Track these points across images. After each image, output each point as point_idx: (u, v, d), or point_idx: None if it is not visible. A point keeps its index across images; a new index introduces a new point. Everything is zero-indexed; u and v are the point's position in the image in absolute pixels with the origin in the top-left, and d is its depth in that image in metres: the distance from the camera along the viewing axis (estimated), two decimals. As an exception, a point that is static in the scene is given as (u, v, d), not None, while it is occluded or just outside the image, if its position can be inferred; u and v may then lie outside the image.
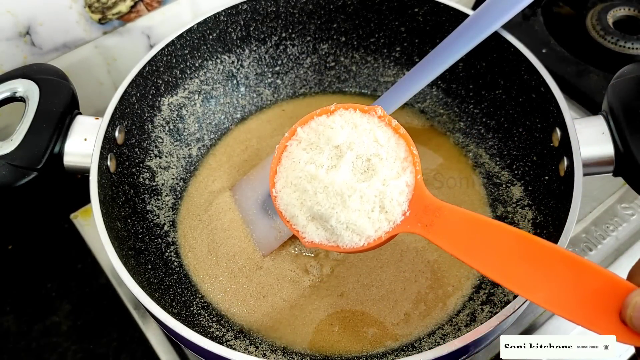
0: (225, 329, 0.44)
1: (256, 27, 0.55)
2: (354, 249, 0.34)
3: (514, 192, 0.48)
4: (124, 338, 0.52)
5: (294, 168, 0.35)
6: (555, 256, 0.28)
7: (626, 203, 0.54)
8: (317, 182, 0.34)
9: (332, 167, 0.34)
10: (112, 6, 0.59)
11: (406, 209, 0.33)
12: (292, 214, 0.35)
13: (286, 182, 0.35)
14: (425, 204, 0.32)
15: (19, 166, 0.41)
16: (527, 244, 0.29)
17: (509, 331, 0.47)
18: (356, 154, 0.34)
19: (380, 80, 0.59)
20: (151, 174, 0.50)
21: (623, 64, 0.43)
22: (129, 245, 0.43)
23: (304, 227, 0.35)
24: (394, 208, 0.33)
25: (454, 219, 0.31)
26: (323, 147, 0.34)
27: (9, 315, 0.54)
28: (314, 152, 0.35)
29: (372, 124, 0.34)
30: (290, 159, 0.35)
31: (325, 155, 0.34)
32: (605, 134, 0.41)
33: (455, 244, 0.31)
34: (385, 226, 0.33)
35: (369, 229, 0.33)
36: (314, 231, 0.35)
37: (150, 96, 0.51)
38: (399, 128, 0.34)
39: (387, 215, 0.33)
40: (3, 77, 0.45)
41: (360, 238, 0.33)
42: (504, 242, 0.29)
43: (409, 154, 0.33)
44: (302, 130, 0.36)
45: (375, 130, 0.34)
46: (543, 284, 0.28)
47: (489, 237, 0.30)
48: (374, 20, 0.56)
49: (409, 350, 0.43)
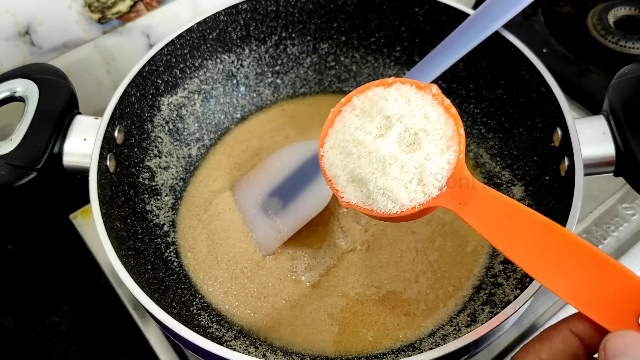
0: (225, 329, 0.44)
1: (256, 26, 0.55)
2: (387, 215, 0.34)
3: (515, 192, 0.48)
4: (124, 338, 0.52)
5: (344, 132, 0.36)
6: (582, 251, 0.28)
7: (627, 203, 0.53)
8: (362, 147, 0.35)
9: (379, 136, 0.35)
10: (111, 6, 0.59)
11: (443, 185, 0.34)
12: (335, 174, 0.36)
13: (334, 144, 0.36)
14: (462, 183, 0.33)
15: (18, 166, 0.41)
16: (556, 234, 0.29)
17: (509, 331, 0.47)
18: (405, 126, 0.34)
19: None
20: (151, 174, 0.50)
21: (624, 64, 0.43)
22: (129, 246, 0.43)
23: (343, 188, 0.36)
24: (432, 182, 0.34)
25: (487, 200, 0.32)
26: (374, 116, 0.35)
27: (9, 315, 0.54)
28: (365, 120, 0.36)
29: (425, 100, 0.35)
30: (342, 123, 0.37)
31: (375, 123, 0.35)
32: (606, 133, 0.40)
33: (485, 225, 0.31)
34: (421, 198, 0.34)
35: (404, 198, 0.34)
36: (351, 192, 0.36)
37: (149, 96, 0.50)
38: (450, 107, 0.35)
39: (424, 188, 0.34)
40: (2, 77, 0.44)
41: (395, 205, 0.34)
42: (533, 229, 0.30)
43: (456, 134, 0.34)
44: (358, 99, 0.37)
45: (427, 107, 0.34)
46: (567, 277, 0.28)
47: (519, 223, 0.30)
48: (374, 20, 0.56)
49: (409, 350, 0.42)
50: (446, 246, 0.47)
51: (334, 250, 0.48)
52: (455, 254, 0.47)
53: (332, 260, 0.47)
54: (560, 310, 0.48)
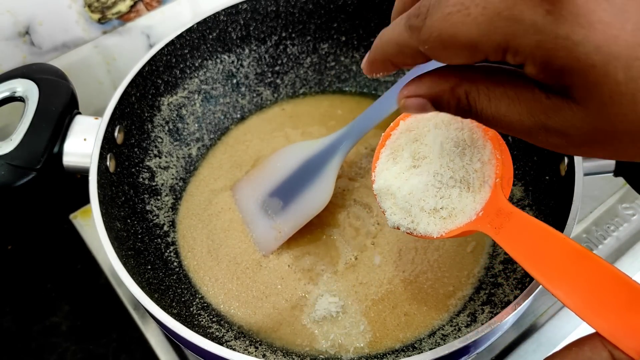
0: (225, 329, 0.44)
1: (256, 26, 0.55)
2: (427, 236, 0.35)
3: (515, 192, 0.48)
4: (124, 338, 0.52)
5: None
6: (611, 277, 0.28)
7: (627, 203, 0.53)
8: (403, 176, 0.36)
9: (415, 167, 0.35)
10: (111, 6, 0.59)
11: (479, 210, 0.34)
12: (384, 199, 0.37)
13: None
14: (498, 207, 0.33)
15: (18, 166, 0.41)
16: (585, 259, 0.29)
17: (509, 331, 0.47)
18: (441, 152, 0.35)
19: (380, 79, 0.59)
20: (151, 174, 0.50)
21: (624, 64, 0.43)
22: (129, 246, 0.43)
23: (392, 212, 0.37)
24: (468, 212, 0.34)
25: (522, 225, 0.32)
26: (410, 144, 0.36)
27: (9, 315, 0.54)
28: (401, 151, 0.36)
29: (464, 123, 0.35)
30: (390, 148, 0.37)
31: (409, 152, 0.36)
32: (606, 133, 0.40)
33: (519, 250, 0.31)
34: (457, 223, 0.35)
35: (439, 226, 0.35)
36: (395, 215, 0.36)
37: (149, 96, 0.50)
38: (488, 130, 0.35)
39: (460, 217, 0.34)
40: (2, 77, 0.44)
41: (434, 232, 0.35)
42: (564, 254, 0.30)
43: (493, 157, 0.34)
44: (404, 122, 0.37)
45: (465, 131, 0.35)
46: (596, 303, 0.28)
47: (551, 247, 0.30)
48: (374, 20, 0.56)
49: (409, 350, 0.42)
50: (446, 246, 0.47)
51: (333, 251, 0.48)
52: (455, 254, 0.47)
53: (331, 260, 0.47)
54: (560, 311, 0.48)
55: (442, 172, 0.35)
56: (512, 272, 0.44)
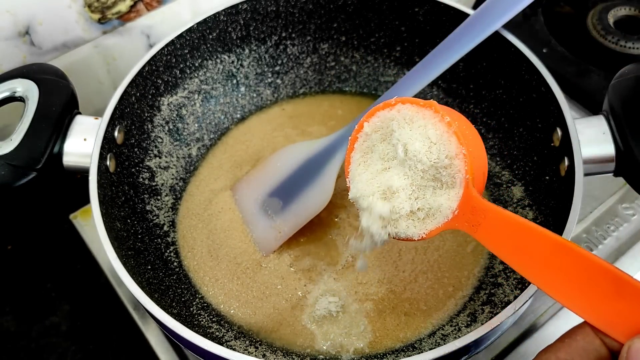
0: (225, 329, 0.44)
1: (256, 26, 0.55)
2: (409, 239, 0.35)
3: (515, 192, 0.48)
4: (124, 338, 0.52)
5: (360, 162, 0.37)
6: (595, 267, 0.28)
7: (627, 203, 0.53)
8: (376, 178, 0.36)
9: (385, 169, 0.35)
10: (111, 6, 0.59)
11: (454, 208, 0.33)
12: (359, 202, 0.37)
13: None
14: (473, 205, 0.33)
15: (18, 166, 0.41)
16: (567, 252, 0.29)
17: (509, 331, 0.47)
18: (408, 153, 0.34)
19: (380, 79, 0.59)
20: (151, 174, 0.50)
21: (624, 64, 0.43)
22: (129, 246, 0.43)
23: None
24: (443, 213, 0.34)
25: (500, 221, 0.31)
26: (378, 145, 0.36)
27: (9, 315, 0.54)
28: (370, 152, 0.36)
29: (427, 120, 0.34)
30: (359, 151, 0.37)
31: (378, 154, 0.36)
32: (606, 133, 0.40)
33: (500, 246, 0.31)
34: (434, 224, 0.34)
35: (417, 228, 0.35)
36: (375, 224, 0.36)
37: (149, 96, 0.50)
38: (451, 126, 0.33)
39: (436, 217, 0.34)
40: (2, 77, 0.44)
41: (414, 235, 0.35)
42: (545, 248, 0.29)
43: (460, 152, 0.33)
44: (367, 124, 0.37)
45: (429, 127, 0.34)
46: (582, 294, 0.28)
47: (531, 242, 0.30)
48: (374, 20, 0.56)
49: (409, 350, 0.42)
50: (446, 246, 0.47)
51: (333, 251, 0.48)
52: (455, 254, 0.47)
53: (331, 260, 0.47)
54: (560, 311, 0.48)
55: (411, 174, 0.34)
56: (512, 272, 0.44)
